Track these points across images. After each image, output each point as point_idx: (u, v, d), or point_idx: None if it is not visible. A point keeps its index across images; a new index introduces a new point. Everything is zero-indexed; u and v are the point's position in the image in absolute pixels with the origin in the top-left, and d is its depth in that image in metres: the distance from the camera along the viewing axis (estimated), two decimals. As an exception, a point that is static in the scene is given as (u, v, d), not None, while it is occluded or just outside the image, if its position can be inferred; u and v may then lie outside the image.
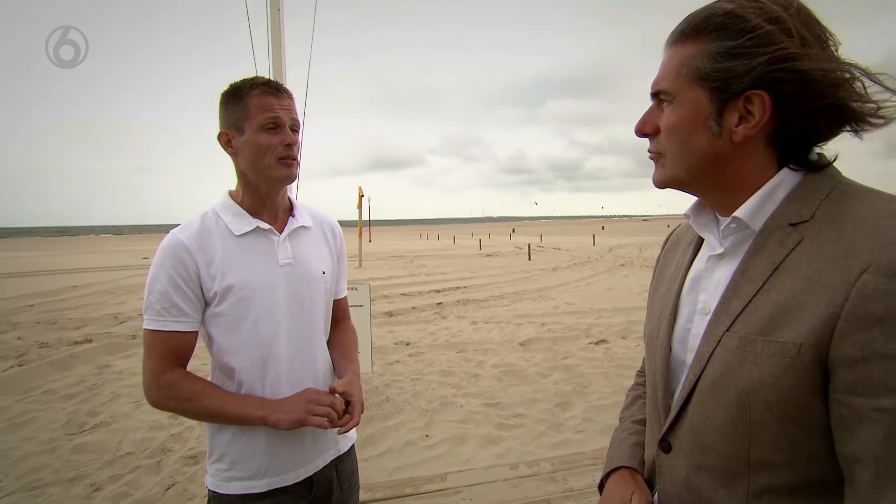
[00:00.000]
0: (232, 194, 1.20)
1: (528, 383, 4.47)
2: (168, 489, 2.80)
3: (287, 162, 1.14)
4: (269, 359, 1.14)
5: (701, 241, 0.81)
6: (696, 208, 0.77)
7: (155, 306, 1.08)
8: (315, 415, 1.08)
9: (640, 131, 0.75)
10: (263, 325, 1.13)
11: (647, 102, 0.75)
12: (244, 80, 1.14)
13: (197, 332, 1.13)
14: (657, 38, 0.71)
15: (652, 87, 0.72)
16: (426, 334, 6.39)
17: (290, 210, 1.26)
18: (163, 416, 3.83)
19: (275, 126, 1.11)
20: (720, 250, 0.72)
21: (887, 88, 0.62)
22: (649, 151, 0.75)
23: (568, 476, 2.80)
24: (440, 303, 8.72)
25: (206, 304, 1.12)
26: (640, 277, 11.65)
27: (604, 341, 5.84)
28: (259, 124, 1.10)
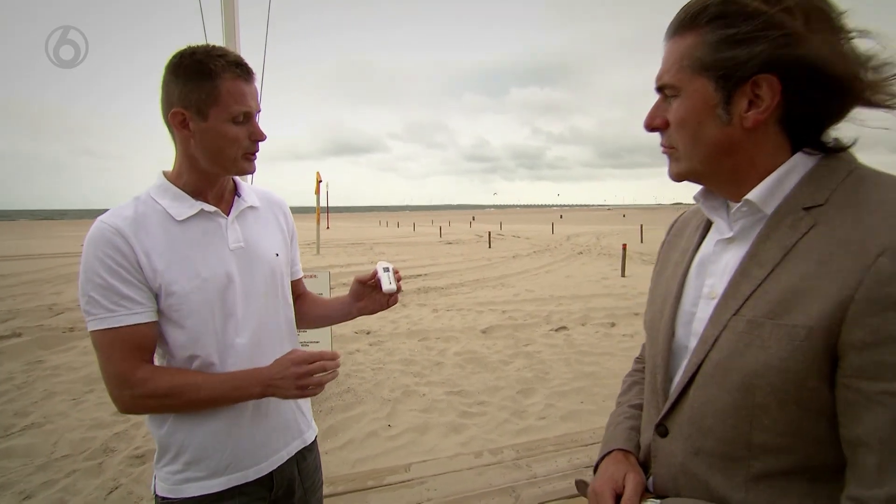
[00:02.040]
0: (168, 175, 1.08)
1: (491, 370, 4.49)
2: (111, 493, 2.62)
3: (250, 157, 1.07)
4: (228, 352, 1.05)
5: (709, 226, 0.82)
6: (706, 191, 0.77)
7: (101, 303, 0.95)
8: (309, 386, 1.03)
9: (649, 126, 0.74)
10: (219, 316, 1.04)
11: (612, 92, 0.74)
12: (208, 53, 1.00)
13: (157, 323, 1.01)
14: (624, 29, 0.69)
15: (656, 82, 0.72)
16: (387, 322, 6.32)
17: (234, 190, 1.16)
18: (105, 414, 3.58)
19: (244, 118, 1.02)
20: (729, 234, 0.72)
21: None
22: (662, 146, 0.75)
23: (532, 463, 2.82)
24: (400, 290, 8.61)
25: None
26: (597, 265, 11.96)
27: (564, 328, 5.95)
28: (230, 115, 1.00)
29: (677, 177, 0.74)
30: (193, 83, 0.98)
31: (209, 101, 0.99)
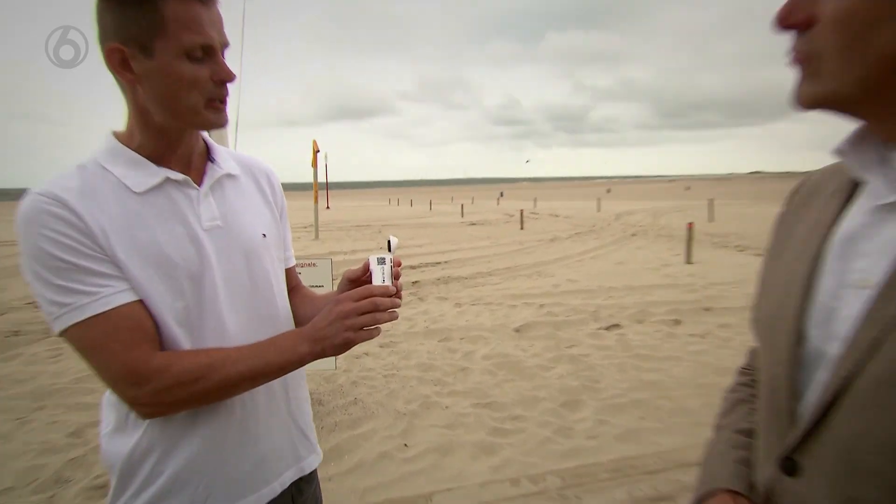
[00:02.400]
0: (121, 137, 1.02)
1: (528, 378, 4.46)
2: (71, 526, 2.62)
3: (217, 105, 1.00)
4: None
5: (854, 188, 0.72)
6: (856, 141, 0.67)
7: (76, 288, 0.89)
8: (361, 328, 1.01)
9: (785, 21, 0.62)
10: (194, 311, 0.99)
11: (676, 33, 0.63)
12: None
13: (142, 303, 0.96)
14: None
15: None
16: (401, 320, 6.30)
17: (206, 154, 1.11)
18: (58, 436, 3.60)
19: (204, 53, 0.95)
20: (893, 198, 0.62)
21: None
22: (794, 52, 0.63)
23: (582, 494, 2.79)
24: (416, 281, 8.73)
25: None
26: (655, 250, 11.83)
27: (616, 326, 5.88)
28: (182, 48, 0.92)
29: (812, 101, 0.63)
30: (131, 8, 0.90)
31: (152, 30, 0.91)
